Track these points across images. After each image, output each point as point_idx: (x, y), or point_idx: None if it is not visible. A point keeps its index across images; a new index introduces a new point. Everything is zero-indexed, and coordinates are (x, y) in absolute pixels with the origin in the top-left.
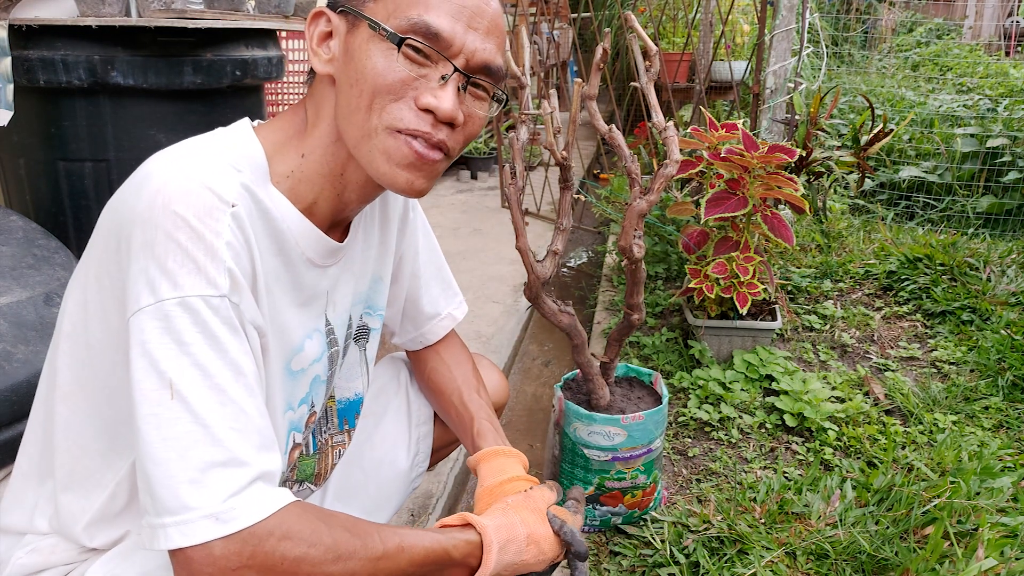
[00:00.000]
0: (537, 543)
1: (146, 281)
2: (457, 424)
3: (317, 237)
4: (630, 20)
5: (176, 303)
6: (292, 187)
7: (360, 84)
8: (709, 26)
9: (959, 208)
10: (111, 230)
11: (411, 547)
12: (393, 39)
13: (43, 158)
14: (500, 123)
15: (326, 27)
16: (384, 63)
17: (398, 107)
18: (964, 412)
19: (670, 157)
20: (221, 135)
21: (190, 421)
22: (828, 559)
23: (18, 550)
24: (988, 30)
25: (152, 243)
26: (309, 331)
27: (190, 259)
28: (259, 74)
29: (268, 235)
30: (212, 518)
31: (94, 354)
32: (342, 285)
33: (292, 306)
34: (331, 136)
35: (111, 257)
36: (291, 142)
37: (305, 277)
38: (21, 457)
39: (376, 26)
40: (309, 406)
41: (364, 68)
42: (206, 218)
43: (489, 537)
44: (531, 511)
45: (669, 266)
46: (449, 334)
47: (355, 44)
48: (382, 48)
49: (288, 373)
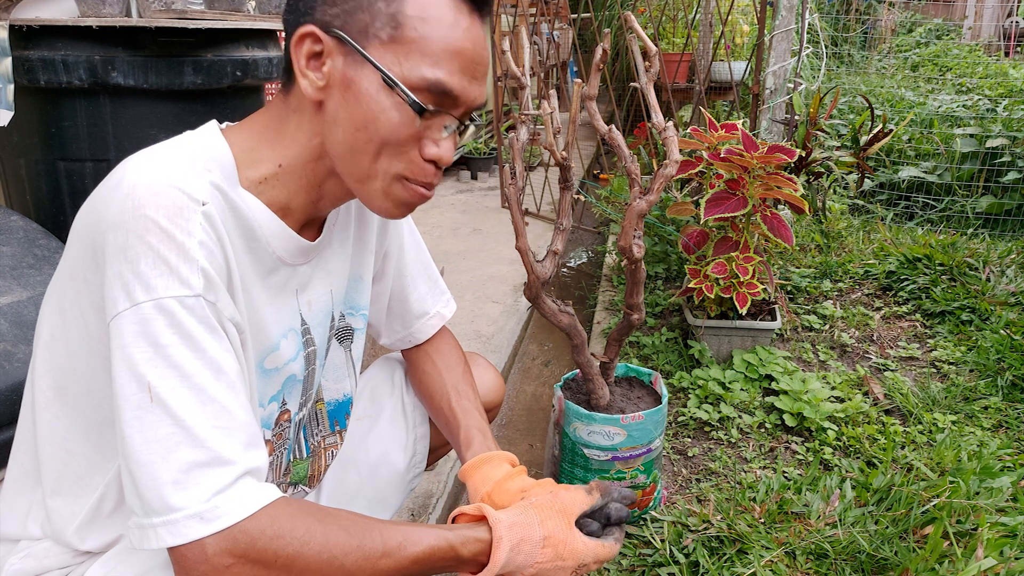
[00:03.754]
0: (555, 547)
1: (121, 285)
2: (446, 430)
3: (288, 236)
4: (630, 20)
5: (151, 306)
6: (265, 191)
7: (368, 131)
8: (709, 26)
9: (958, 208)
10: (85, 236)
11: (414, 544)
12: (415, 107)
13: (43, 158)
14: (500, 123)
15: (315, 47)
16: (399, 120)
17: (406, 159)
18: (963, 412)
19: (670, 157)
20: (189, 137)
21: (171, 423)
22: (827, 559)
23: (12, 556)
24: (988, 30)
25: (125, 247)
26: (284, 330)
27: (162, 261)
28: (259, 74)
29: (239, 233)
30: (196, 517)
31: (75, 360)
32: (316, 284)
33: (267, 305)
34: (314, 153)
35: (87, 263)
36: (265, 148)
37: (276, 275)
38: (12, 464)
39: (393, 84)
40: (279, 404)
41: (376, 118)
42: (177, 218)
43: (499, 533)
44: (557, 512)
45: (669, 266)
46: (439, 333)
47: (362, 88)
48: (395, 102)
49: (261, 371)
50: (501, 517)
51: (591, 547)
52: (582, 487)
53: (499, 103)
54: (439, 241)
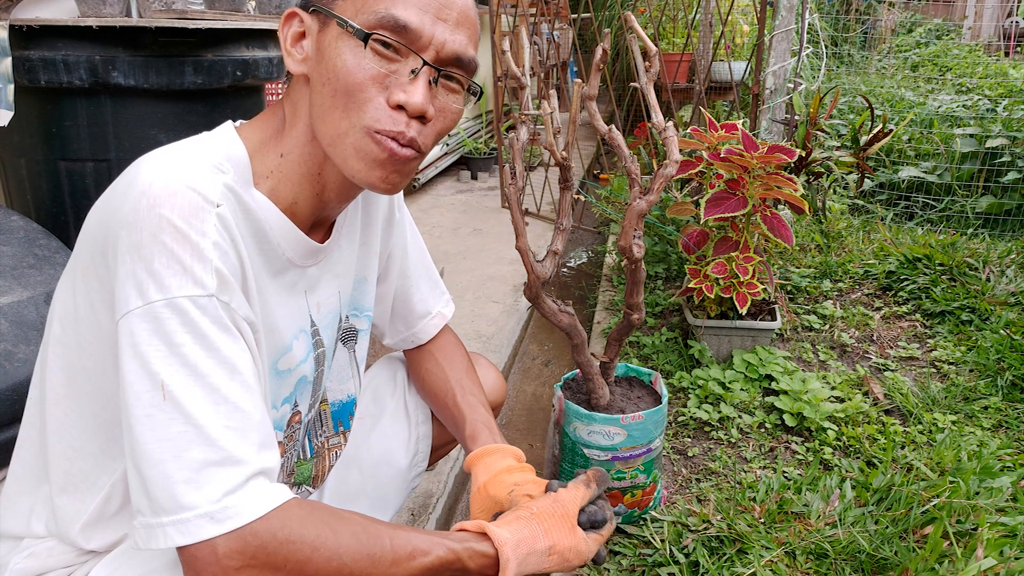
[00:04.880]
0: (560, 553)
1: (134, 284)
2: (452, 426)
3: (298, 238)
4: (630, 21)
5: (164, 304)
6: (273, 187)
7: (332, 83)
8: (709, 26)
9: (958, 208)
10: (98, 234)
11: (423, 554)
12: (360, 35)
13: (44, 158)
14: (500, 123)
15: (299, 27)
16: (353, 60)
17: (371, 106)
18: (963, 412)
19: (670, 157)
20: (205, 138)
21: (183, 422)
22: (827, 559)
23: (16, 555)
24: (988, 30)
25: (139, 246)
26: (296, 331)
27: (176, 260)
28: (260, 74)
29: (251, 235)
30: (207, 517)
31: (85, 357)
32: (324, 285)
33: (279, 306)
34: (308, 135)
35: (99, 261)
36: (270, 142)
37: (286, 276)
38: (15, 462)
39: (344, 23)
40: (292, 406)
41: (335, 67)
42: (191, 219)
43: (506, 555)
44: (559, 519)
45: (669, 266)
46: (442, 333)
47: (326, 43)
48: (351, 45)
49: (275, 372)
50: (506, 537)
51: (593, 541)
52: (580, 480)
53: (499, 103)
54: (439, 241)
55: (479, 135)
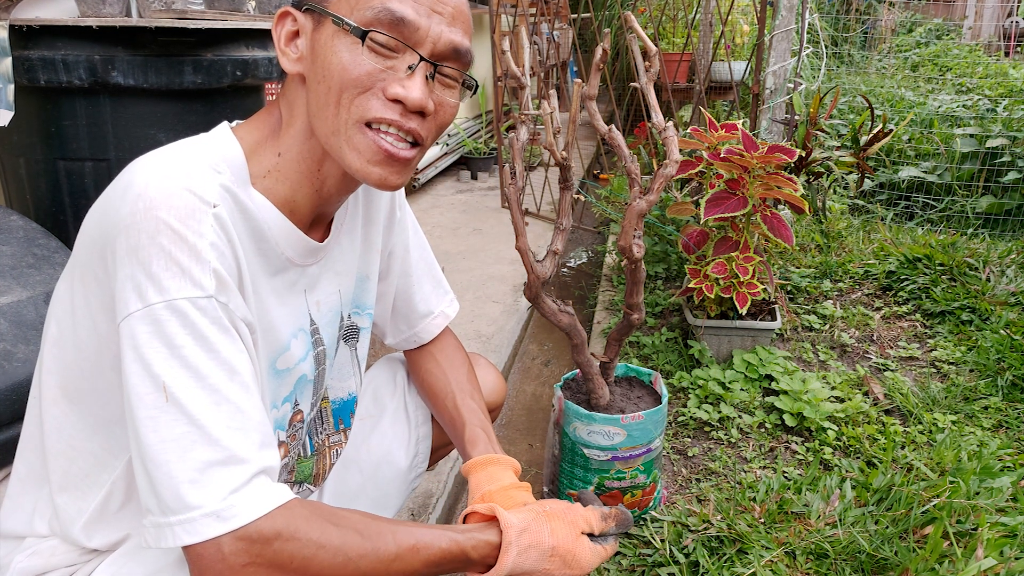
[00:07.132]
0: (563, 557)
1: (133, 286)
2: (450, 429)
3: (297, 237)
4: (630, 20)
5: (164, 306)
6: (271, 186)
7: (328, 80)
8: (709, 26)
9: (958, 208)
10: (95, 236)
11: (427, 547)
12: (356, 32)
13: (43, 158)
14: (500, 123)
15: (292, 26)
16: (350, 57)
17: (366, 99)
18: (963, 412)
19: (670, 157)
20: (201, 139)
21: (186, 423)
22: (827, 559)
23: (18, 554)
24: (988, 30)
25: (136, 248)
26: (294, 330)
27: (174, 262)
28: (259, 74)
29: (249, 235)
30: (213, 516)
31: (83, 358)
32: (324, 284)
33: (277, 305)
34: (305, 133)
35: (97, 263)
36: (267, 141)
37: (285, 275)
38: (18, 461)
39: (339, 21)
40: (292, 404)
41: (331, 64)
42: (188, 220)
43: (509, 538)
44: (568, 524)
45: (669, 266)
46: (443, 334)
47: (321, 41)
48: (347, 42)
49: (273, 372)
50: (513, 521)
51: (597, 554)
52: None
53: (499, 103)
54: (439, 241)
55: (479, 135)
